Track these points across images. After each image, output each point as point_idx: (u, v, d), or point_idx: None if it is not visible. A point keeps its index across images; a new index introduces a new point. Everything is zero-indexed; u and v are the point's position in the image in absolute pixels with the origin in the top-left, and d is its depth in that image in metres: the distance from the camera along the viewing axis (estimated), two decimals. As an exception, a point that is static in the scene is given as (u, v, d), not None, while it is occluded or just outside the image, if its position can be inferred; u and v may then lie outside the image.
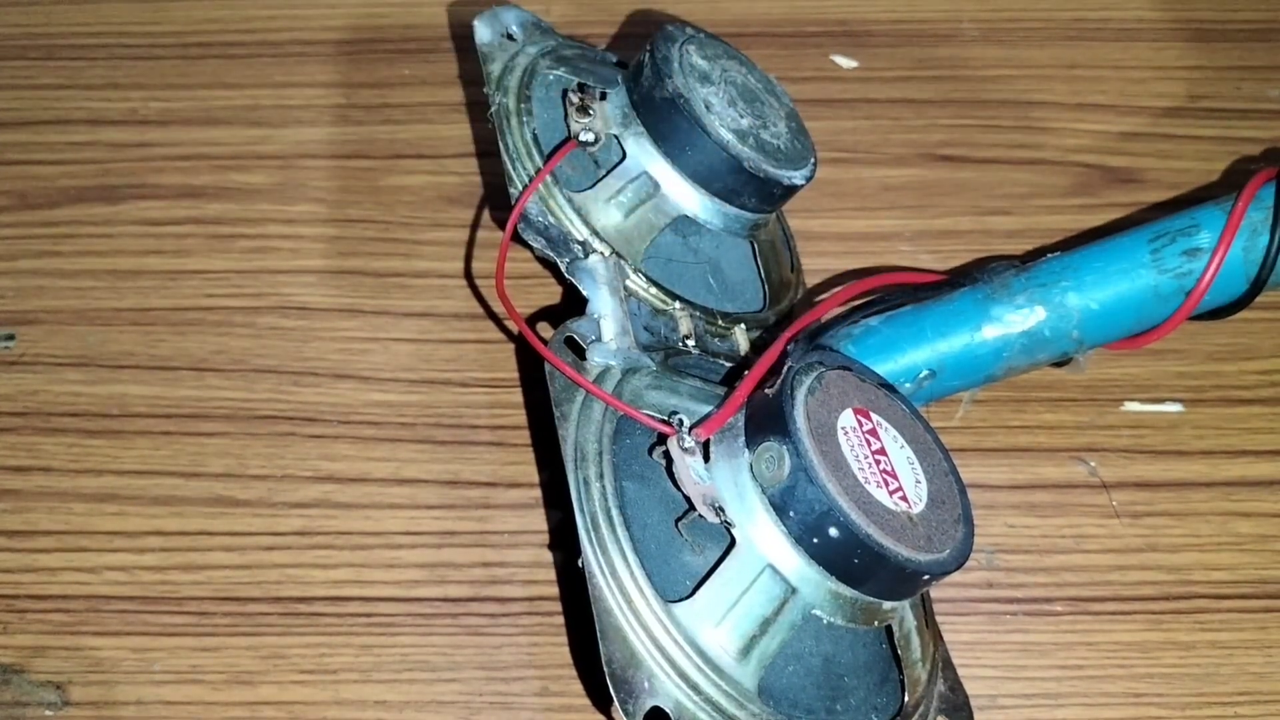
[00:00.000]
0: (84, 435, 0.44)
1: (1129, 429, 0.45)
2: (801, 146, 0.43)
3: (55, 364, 0.46)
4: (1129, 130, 0.53)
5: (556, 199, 0.41)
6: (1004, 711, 0.39)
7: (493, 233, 0.50)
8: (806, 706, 0.33)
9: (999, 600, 0.42)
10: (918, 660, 0.35)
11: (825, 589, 0.33)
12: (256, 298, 0.48)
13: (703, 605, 0.32)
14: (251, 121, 0.53)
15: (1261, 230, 0.40)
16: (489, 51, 0.45)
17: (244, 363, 0.46)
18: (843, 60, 0.56)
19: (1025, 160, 0.52)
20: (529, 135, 0.42)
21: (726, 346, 0.42)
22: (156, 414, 0.45)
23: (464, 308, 0.48)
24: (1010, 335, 0.41)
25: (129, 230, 0.50)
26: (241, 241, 0.49)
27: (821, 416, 0.34)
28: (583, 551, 0.33)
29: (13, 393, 0.45)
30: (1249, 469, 0.44)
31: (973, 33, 0.57)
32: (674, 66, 0.41)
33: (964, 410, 0.45)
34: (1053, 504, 0.43)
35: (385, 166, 0.52)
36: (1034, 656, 0.40)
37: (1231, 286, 0.41)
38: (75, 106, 0.54)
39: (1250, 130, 0.53)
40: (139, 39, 0.56)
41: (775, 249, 0.46)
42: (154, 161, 0.52)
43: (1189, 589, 0.42)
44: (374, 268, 0.49)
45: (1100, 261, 0.42)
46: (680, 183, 0.42)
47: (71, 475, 0.43)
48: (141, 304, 0.47)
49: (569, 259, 0.40)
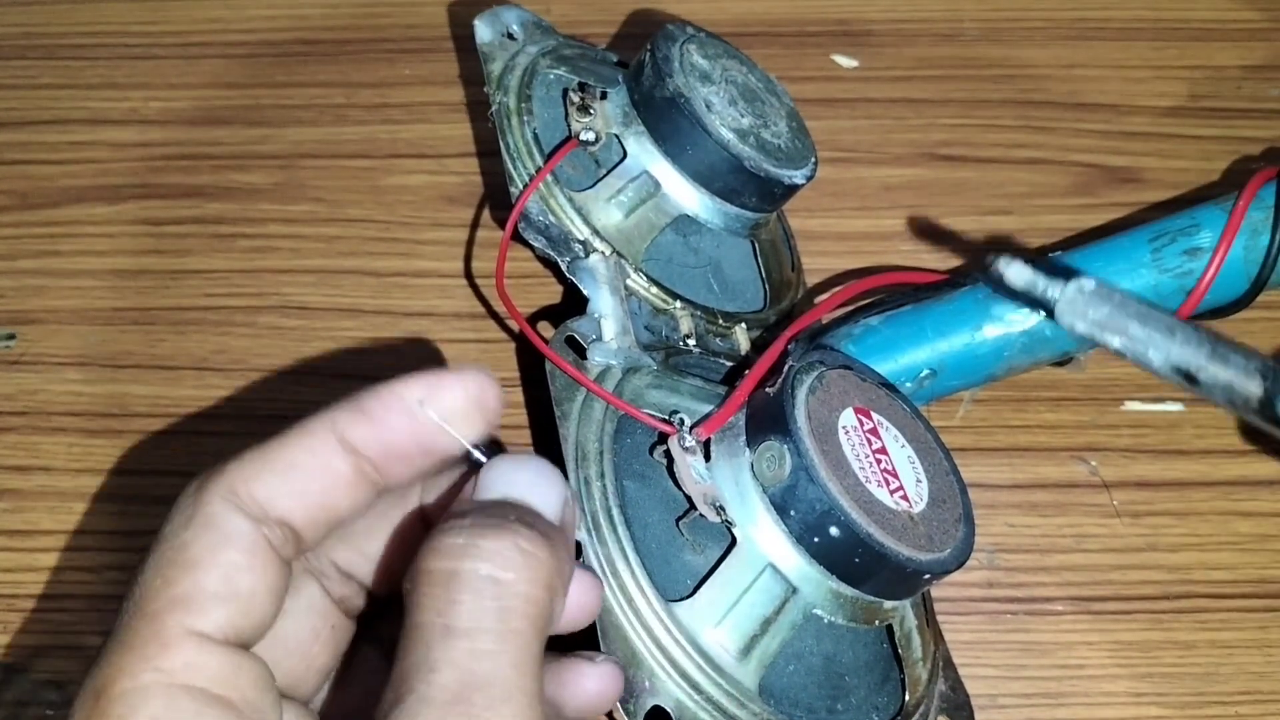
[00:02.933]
0: (84, 435, 0.44)
1: (1130, 428, 0.45)
2: (802, 146, 0.43)
3: (55, 364, 0.46)
4: (1129, 130, 0.53)
5: (557, 198, 0.41)
6: (1004, 711, 0.39)
7: (493, 232, 0.50)
8: (807, 706, 0.33)
9: (999, 600, 0.42)
10: (918, 659, 0.35)
11: (826, 588, 0.33)
12: (257, 297, 0.48)
13: (703, 604, 0.32)
14: (252, 121, 0.53)
15: (1262, 230, 0.40)
16: (489, 51, 0.45)
17: (244, 362, 0.46)
18: (843, 60, 0.56)
19: (1025, 160, 0.52)
20: (529, 134, 0.42)
21: (727, 346, 0.42)
22: (156, 414, 0.45)
23: (464, 307, 0.48)
24: (1011, 334, 0.41)
25: (129, 230, 0.50)
26: (242, 241, 0.49)
27: (822, 416, 0.34)
28: (583, 550, 0.33)
29: (13, 392, 0.45)
30: (1249, 468, 0.44)
31: (973, 33, 0.57)
32: (674, 66, 0.41)
33: (964, 409, 0.45)
34: (1053, 503, 0.43)
35: (385, 166, 0.52)
36: (1034, 656, 0.40)
37: (1232, 286, 0.41)
38: (75, 106, 0.54)
39: (1250, 130, 0.53)
40: (139, 39, 0.56)
41: (776, 248, 0.46)
42: (154, 161, 0.52)
43: (1189, 589, 0.42)
44: (374, 267, 0.49)
45: (1100, 261, 0.42)
46: (681, 182, 0.42)
47: (71, 475, 0.43)
48: (142, 304, 0.47)
49: (569, 258, 0.40)
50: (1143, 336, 0.27)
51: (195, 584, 0.25)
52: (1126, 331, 0.28)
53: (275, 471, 0.26)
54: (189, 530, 0.25)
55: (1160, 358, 0.27)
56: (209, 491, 0.26)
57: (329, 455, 0.27)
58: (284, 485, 0.26)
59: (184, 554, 0.25)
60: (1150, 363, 0.27)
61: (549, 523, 0.26)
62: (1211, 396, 0.27)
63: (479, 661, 0.24)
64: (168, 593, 0.25)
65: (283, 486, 0.26)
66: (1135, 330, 0.27)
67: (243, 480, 0.26)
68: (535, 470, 0.27)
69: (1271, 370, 0.26)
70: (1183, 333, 0.27)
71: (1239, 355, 0.26)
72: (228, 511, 0.26)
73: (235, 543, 0.25)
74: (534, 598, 0.25)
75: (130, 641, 0.24)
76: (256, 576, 0.25)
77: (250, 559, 0.25)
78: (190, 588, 0.25)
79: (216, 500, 0.26)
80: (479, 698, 0.23)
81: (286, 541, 0.26)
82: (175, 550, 0.25)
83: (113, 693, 0.24)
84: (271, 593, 0.26)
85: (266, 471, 0.26)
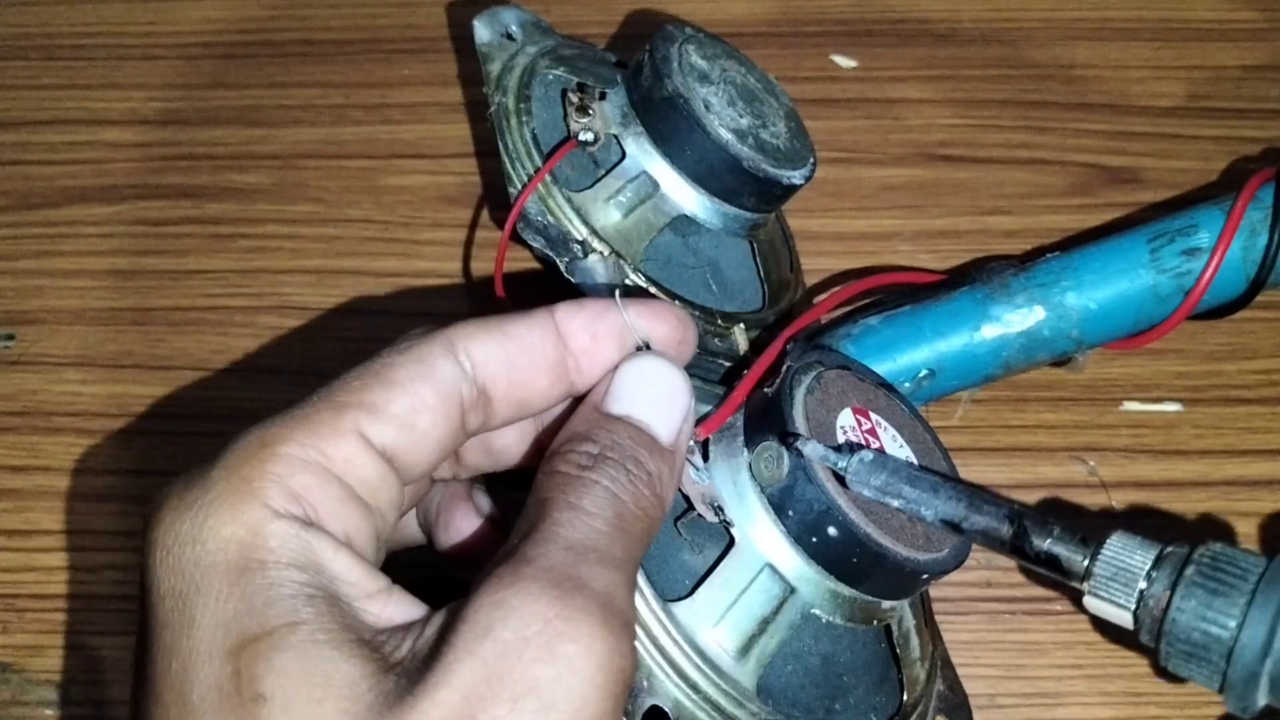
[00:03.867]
0: (84, 435, 0.44)
1: (1128, 428, 0.45)
2: (801, 146, 0.43)
3: (55, 364, 0.46)
4: (1129, 130, 0.53)
5: (555, 198, 0.41)
6: (1003, 711, 0.39)
7: (492, 232, 0.50)
8: (805, 705, 0.33)
9: (998, 600, 0.42)
10: (916, 659, 0.35)
11: (824, 588, 0.33)
12: (256, 298, 0.48)
13: (701, 604, 0.32)
14: (250, 121, 0.53)
15: (1260, 230, 0.40)
16: (488, 51, 0.45)
17: (244, 363, 0.46)
18: (843, 60, 0.56)
19: (1025, 160, 0.52)
20: (528, 135, 0.42)
21: (725, 346, 0.42)
22: (156, 414, 0.45)
23: (464, 307, 0.48)
24: (1009, 335, 0.41)
25: (128, 230, 0.50)
26: (241, 241, 0.49)
27: (820, 416, 0.34)
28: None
29: (13, 392, 0.45)
30: (1248, 468, 0.44)
31: (973, 33, 0.57)
32: (673, 66, 0.41)
33: (963, 410, 0.45)
34: (1052, 503, 0.43)
35: (385, 166, 0.52)
36: (1033, 656, 0.40)
37: (1230, 286, 0.41)
38: (75, 106, 0.54)
39: (1250, 130, 0.53)
40: (138, 39, 0.56)
41: (775, 249, 0.46)
42: (153, 161, 0.52)
43: (1188, 588, 0.42)
44: (374, 267, 0.49)
45: (1099, 261, 0.42)
46: (679, 182, 0.42)
47: (71, 475, 0.43)
48: (141, 304, 0.48)
49: (568, 258, 0.40)
50: (914, 497, 0.31)
51: (385, 398, 0.27)
52: (901, 494, 0.32)
53: (494, 337, 0.29)
54: (401, 356, 0.28)
55: (930, 513, 0.31)
56: (434, 334, 0.28)
57: (544, 335, 0.30)
58: (498, 350, 0.29)
59: (388, 372, 0.27)
60: (924, 518, 0.32)
61: (663, 448, 0.30)
62: (976, 541, 0.31)
63: (595, 537, 0.26)
64: (359, 394, 0.27)
65: (497, 350, 0.29)
66: (908, 492, 0.32)
67: (463, 336, 0.28)
68: (660, 386, 0.31)
69: (1018, 514, 0.30)
70: (946, 491, 0.31)
71: (992, 506, 0.31)
72: (442, 355, 0.28)
73: (435, 383, 0.28)
74: (642, 515, 0.28)
75: (310, 417, 0.26)
76: (436, 422, 0.28)
77: (439, 404, 0.28)
78: (380, 399, 0.27)
79: (437, 343, 0.28)
80: (593, 556, 0.26)
81: (475, 407, 0.29)
82: (382, 366, 0.28)
83: (278, 451, 0.26)
84: (439, 444, 0.28)
85: (485, 334, 0.29)
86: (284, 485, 0.25)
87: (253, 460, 0.26)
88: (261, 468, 0.25)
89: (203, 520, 0.25)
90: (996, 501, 0.31)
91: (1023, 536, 0.30)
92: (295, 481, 0.25)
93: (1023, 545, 0.30)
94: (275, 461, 0.25)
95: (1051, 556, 0.29)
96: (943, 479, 0.32)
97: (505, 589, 0.24)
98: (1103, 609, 0.29)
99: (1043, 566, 0.30)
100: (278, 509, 0.25)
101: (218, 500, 0.25)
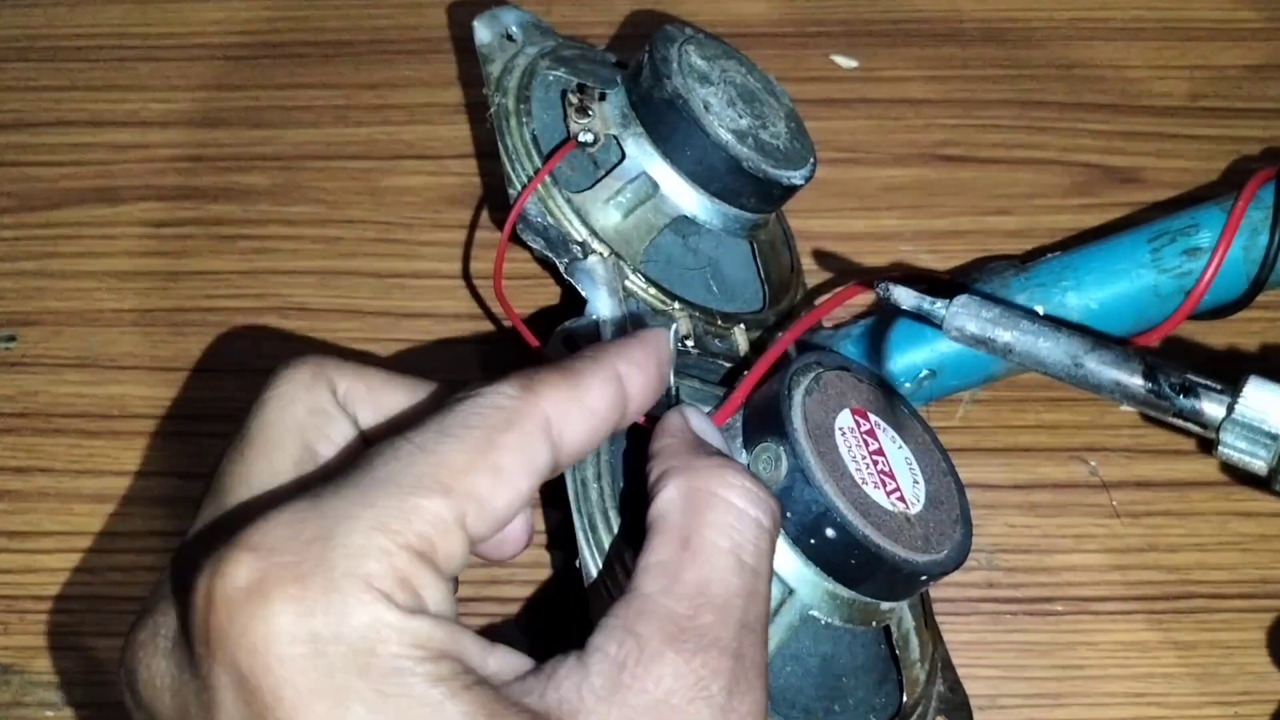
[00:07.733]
0: (84, 435, 0.44)
1: (1129, 428, 0.45)
2: (801, 146, 0.43)
3: (56, 365, 0.46)
4: (1129, 130, 0.53)
5: (555, 199, 0.41)
6: (1004, 711, 0.39)
7: (492, 233, 0.50)
8: (804, 707, 0.33)
9: (999, 600, 0.42)
10: (916, 661, 0.35)
11: (823, 590, 0.33)
12: (257, 298, 0.48)
13: (701, 605, 0.32)
14: (252, 123, 0.53)
15: (1261, 230, 0.40)
16: (488, 52, 0.45)
17: (244, 363, 0.46)
18: (843, 60, 0.56)
19: (1025, 160, 0.52)
20: (528, 136, 0.42)
21: (726, 347, 0.42)
22: (157, 414, 0.45)
23: (464, 308, 0.48)
24: (1010, 335, 0.41)
25: (130, 231, 0.50)
26: (242, 242, 0.49)
27: (819, 417, 0.34)
28: (579, 552, 0.33)
29: (13, 393, 0.45)
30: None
31: (973, 33, 0.57)
32: (673, 67, 0.41)
33: (964, 410, 0.45)
34: (1053, 504, 0.43)
35: (385, 167, 0.52)
36: (1034, 656, 0.40)
37: (1231, 286, 0.41)
38: (76, 108, 0.54)
39: (1250, 130, 0.53)
40: (139, 40, 0.56)
41: (775, 249, 0.46)
42: (155, 163, 0.52)
43: (1189, 589, 0.42)
44: (374, 268, 0.49)
45: (1100, 261, 0.42)
46: (679, 183, 0.42)
47: (72, 475, 0.43)
48: (142, 305, 0.48)
49: (568, 259, 0.40)
50: (1031, 329, 0.30)
51: (491, 491, 0.26)
52: (1018, 326, 0.30)
53: (581, 414, 0.28)
54: (504, 435, 0.26)
55: (1048, 347, 0.30)
56: (532, 408, 0.27)
57: (613, 409, 0.29)
58: (583, 431, 0.28)
59: (494, 455, 0.26)
60: (1039, 352, 0.30)
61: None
62: (1087, 387, 0.30)
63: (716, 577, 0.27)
64: (466, 480, 0.26)
65: (582, 431, 0.28)
66: (1025, 325, 0.30)
67: (559, 416, 0.27)
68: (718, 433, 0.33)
69: (1145, 357, 0.29)
70: (1067, 328, 0.30)
71: (1119, 346, 0.29)
72: (541, 440, 0.27)
73: (531, 474, 0.27)
74: (763, 530, 0.28)
75: (421, 509, 0.25)
76: (519, 500, 0.27)
77: (530, 493, 0.27)
78: (486, 490, 0.26)
79: (537, 425, 0.27)
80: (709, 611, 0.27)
81: (549, 469, 0.28)
82: (486, 443, 0.26)
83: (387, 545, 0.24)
84: (512, 513, 0.27)
85: (575, 409, 0.28)
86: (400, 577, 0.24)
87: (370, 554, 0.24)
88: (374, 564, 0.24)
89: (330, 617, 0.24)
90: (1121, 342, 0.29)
91: (1155, 379, 0.28)
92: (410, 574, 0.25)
93: (1158, 389, 0.28)
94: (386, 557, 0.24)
95: (1189, 400, 0.27)
96: (1056, 321, 0.30)
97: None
98: (1235, 457, 0.28)
99: (1176, 415, 0.28)
100: (401, 604, 0.24)
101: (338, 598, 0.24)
